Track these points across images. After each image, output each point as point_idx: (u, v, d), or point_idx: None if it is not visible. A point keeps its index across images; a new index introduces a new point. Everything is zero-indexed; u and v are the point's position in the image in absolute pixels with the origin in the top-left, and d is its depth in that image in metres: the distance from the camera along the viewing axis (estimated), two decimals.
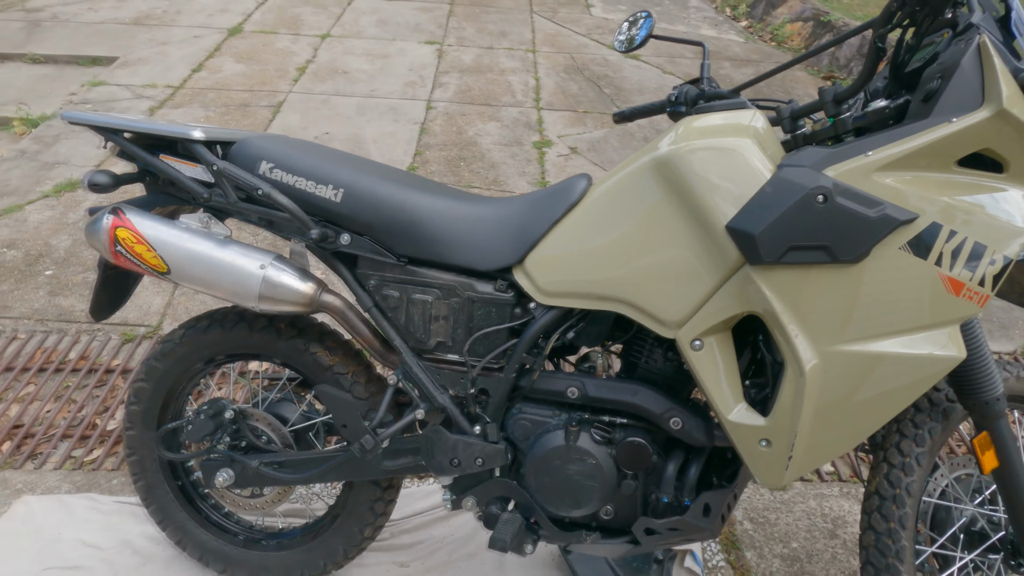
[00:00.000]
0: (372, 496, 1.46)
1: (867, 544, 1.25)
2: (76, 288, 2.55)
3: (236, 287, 1.25)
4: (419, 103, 3.98)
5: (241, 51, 4.48)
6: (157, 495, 1.55)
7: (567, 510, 1.29)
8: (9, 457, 1.96)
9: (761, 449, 1.11)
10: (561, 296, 1.21)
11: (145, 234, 1.26)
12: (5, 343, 2.33)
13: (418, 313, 1.27)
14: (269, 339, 1.41)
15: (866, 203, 0.99)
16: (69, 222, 2.85)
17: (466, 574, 1.64)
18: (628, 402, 1.24)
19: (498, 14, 5.57)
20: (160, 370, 1.47)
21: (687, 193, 1.10)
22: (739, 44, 5.27)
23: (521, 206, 1.28)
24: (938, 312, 1.02)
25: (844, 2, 5.55)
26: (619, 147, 3.64)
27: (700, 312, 1.11)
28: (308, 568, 1.53)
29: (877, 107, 1.12)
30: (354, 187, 1.25)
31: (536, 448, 1.27)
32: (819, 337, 1.04)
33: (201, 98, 3.85)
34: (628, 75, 4.55)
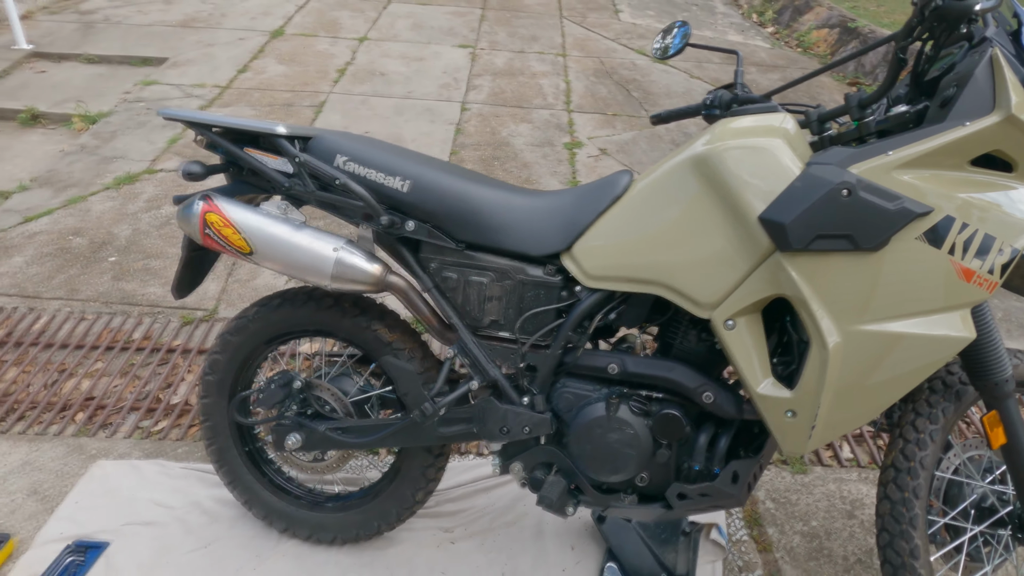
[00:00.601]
0: (424, 463, 1.60)
1: (883, 512, 1.36)
2: (137, 274, 2.72)
3: (311, 267, 1.39)
4: (454, 104, 4.12)
5: (283, 53, 4.67)
6: (227, 458, 1.70)
7: (606, 475, 1.41)
8: (83, 426, 2.13)
9: (787, 420, 1.23)
10: (605, 280, 1.34)
11: (232, 218, 1.41)
12: (75, 323, 2.51)
13: (474, 293, 1.41)
14: (334, 317, 1.55)
15: (886, 197, 1.10)
16: (129, 212, 3.04)
17: (506, 540, 1.77)
18: (664, 377, 1.36)
19: (529, 19, 5.71)
20: (234, 343, 1.61)
21: (723, 187, 1.22)
22: (765, 50, 5.35)
23: (569, 198, 1.41)
24: (950, 296, 1.13)
25: (871, 9, 5.61)
26: (647, 149, 3.76)
27: (733, 295, 1.23)
28: (363, 528, 1.67)
29: (898, 112, 1.23)
30: (420, 178, 1.39)
31: (579, 418, 1.40)
32: (841, 317, 1.16)
33: (247, 98, 4.03)
34: (656, 79, 4.67)
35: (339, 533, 1.68)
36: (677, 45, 1.60)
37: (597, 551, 1.74)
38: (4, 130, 3.70)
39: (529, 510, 1.86)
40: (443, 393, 1.44)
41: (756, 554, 1.77)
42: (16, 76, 4.19)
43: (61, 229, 2.94)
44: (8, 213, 3.02)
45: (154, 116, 3.81)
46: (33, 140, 3.64)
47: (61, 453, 2.03)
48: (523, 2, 6.14)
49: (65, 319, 2.52)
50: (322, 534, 1.69)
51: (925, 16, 1.10)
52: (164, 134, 3.63)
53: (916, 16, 1.12)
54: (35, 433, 2.10)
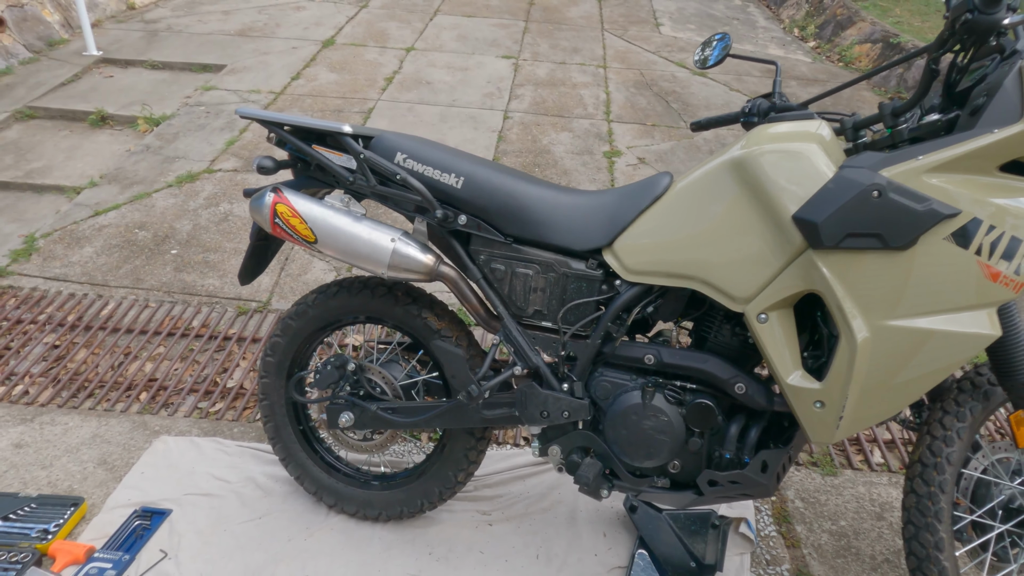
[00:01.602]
0: (467, 445, 1.69)
1: (909, 506, 1.40)
2: (197, 267, 2.89)
3: (370, 256, 1.51)
4: (496, 113, 4.25)
5: (334, 61, 4.86)
6: (282, 436, 1.82)
7: (640, 460, 1.49)
8: (147, 405, 2.28)
9: (815, 410, 1.29)
10: (644, 274, 1.42)
11: (299, 209, 1.53)
12: (139, 310, 2.68)
13: (520, 285, 1.50)
14: (387, 304, 1.66)
15: (915, 199, 1.16)
16: (190, 209, 3.22)
17: (541, 525, 1.85)
18: (698, 368, 1.44)
19: (571, 31, 5.83)
20: (294, 328, 1.74)
21: (759, 188, 1.30)
22: (806, 64, 5.37)
23: (612, 197, 1.49)
24: (977, 295, 1.19)
25: (915, 25, 5.58)
26: (685, 159, 3.82)
27: (767, 290, 1.30)
28: (407, 506, 1.77)
29: (930, 120, 1.29)
30: (473, 176, 1.49)
31: (616, 405, 1.48)
32: (870, 313, 1.22)
33: (300, 103, 4.21)
34: (696, 91, 4.72)
35: (384, 510, 1.79)
36: (717, 56, 1.68)
37: (628, 539, 1.81)
38: (75, 130, 3.94)
39: (563, 498, 1.94)
40: (488, 377, 1.54)
41: (784, 549, 1.82)
42: (86, 80, 4.45)
43: (127, 223, 3.13)
44: (79, 207, 3.23)
45: (213, 119, 4.01)
46: (101, 140, 3.87)
47: (127, 428, 2.18)
48: (566, 15, 6.26)
49: (130, 306, 2.69)
50: (369, 510, 1.80)
51: (956, 29, 1.16)
52: (222, 136, 3.83)
53: (948, 29, 1.19)
54: (103, 410, 2.26)
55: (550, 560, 1.75)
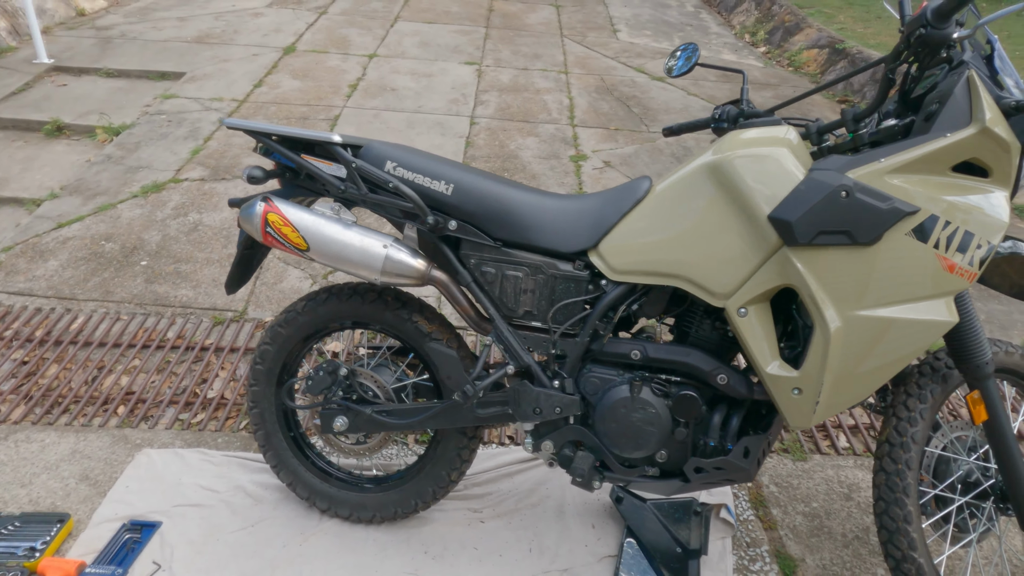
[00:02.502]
0: (459, 444, 1.74)
1: (879, 483, 1.51)
2: (168, 278, 2.86)
3: (363, 262, 1.54)
4: (463, 119, 4.30)
5: (296, 69, 4.84)
6: (273, 443, 1.84)
7: (629, 451, 1.56)
8: (125, 418, 2.26)
9: (793, 397, 1.39)
10: (629, 274, 1.49)
11: (291, 218, 1.56)
12: (111, 323, 2.64)
13: (510, 286, 1.56)
14: (378, 310, 1.69)
15: (879, 198, 1.27)
16: (157, 219, 3.18)
17: (531, 520, 1.90)
18: (682, 362, 1.52)
19: (531, 37, 5.92)
20: (283, 335, 1.75)
21: (735, 191, 1.39)
22: (759, 68, 5.57)
23: (595, 201, 1.56)
24: (936, 285, 1.29)
25: (857, 31, 5.85)
26: (649, 162, 3.94)
27: (745, 285, 1.39)
28: (401, 506, 1.80)
29: (888, 125, 1.40)
30: (462, 182, 1.54)
31: (605, 400, 1.55)
32: (841, 304, 1.31)
33: (264, 111, 4.18)
34: (655, 96, 4.86)
35: (378, 511, 1.82)
36: (687, 64, 1.77)
37: (616, 529, 1.88)
38: (30, 141, 3.84)
39: (551, 492, 2.00)
40: (481, 377, 1.59)
41: (762, 531, 1.92)
42: (39, 89, 4.33)
43: (93, 235, 3.07)
44: (41, 220, 3.15)
45: (176, 128, 3.95)
46: (58, 150, 3.77)
47: (107, 443, 2.15)
48: (525, 22, 6.36)
49: (101, 319, 2.65)
50: (362, 513, 1.82)
51: (911, 42, 1.27)
52: (186, 145, 3.78)
53: (903, 42, 1.30)
54: (80, 425, 2.22)
55: (543, 552, 1.80)
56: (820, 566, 1.82)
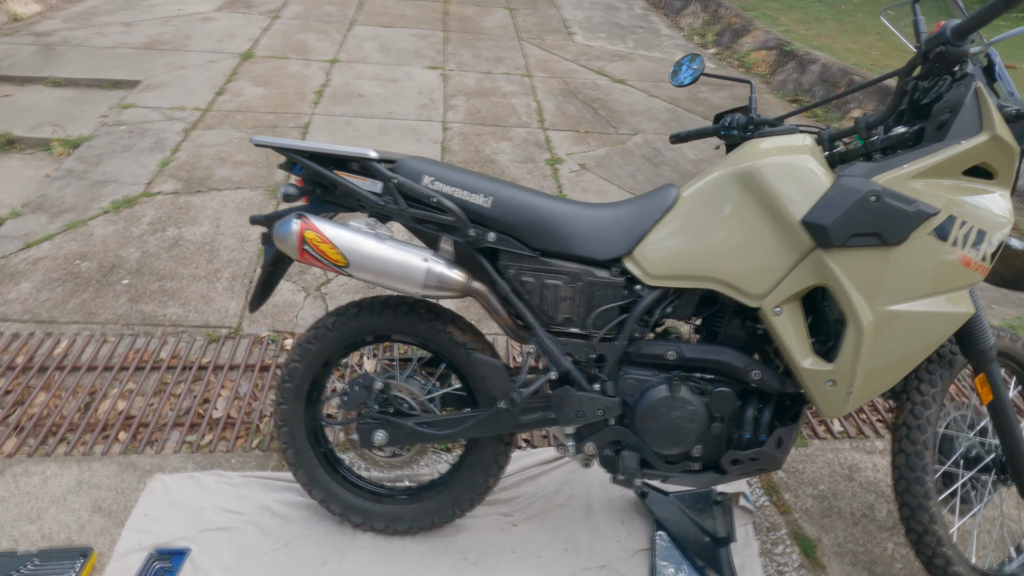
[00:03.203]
0: (496, 450, 1.77)
1: (899, 464, 1.63)
2: (154, 296, 2.76)
3: (405, 277, 1.55)
4: (435, 124, 4.30)
5: (257, 75, 4.72)
6: (304, 461, 1.82)
7: (669, 448, 1.63)
8: (129, 444, 2.18)
9: (828, 388, 1.48)
10: (665, 278, 1.56)
11: (329, 235, 1.55)
12: (97, 346, 2.53)
13: (550, 295, 1.60)
14: (411, 322, 1.70)
15: (905, 201, 1.37)
16: (134, 236, 3.06)
17: (561, 519, 1.95)
18: (717, 360, 1.59)
19: (490, 41, 5.95)
20: (313, 351, 1.74)
21: (766, 197, 1.47)
22: (712, 70, 5.77)
23: (627, 209, 1.62)
24: (955, 280, 1.41)
25: (800, 33, 6.14)
26: (622, 163, 4.04)
27: (780, 286, 1.47)
28: (439, 516, 1.82)
29: (899, 132, 1.51)
30: (500, 195, 1.57)
31: (645, 400, 1.61)
32: (872, 300, 1.41)
33: (230, 120, 4.08)
34: (618, 98, 4.98)
35: (415, 522, 1.83)
36: (691, 75, 1.86)
37: (643, 523, 1.95)
38: None
39: (576, 492, 2.05)
40: (526, 384, 1.63)
41: (778, 516, 2.02)
42: None
43: (66, 254, 2.93)
44: (6, 240, 2.99)
45: (139, 139, 3.81)
46: (12, 165, 3.58)
47: (114, 471, 2.07)
48: (482, 25, 6.38)
49: (86, 343, 2.54)
50: (399, 525, 1.83)
51: (930, 58, 1.38)
52: (153, 157, 3.65)
53: (920, 57, 1.41)
54: (81, 454, 2.13)
55: (578, 551, 1.85)
56: (836, 544, 1.93)
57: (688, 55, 1.89)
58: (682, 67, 1.89)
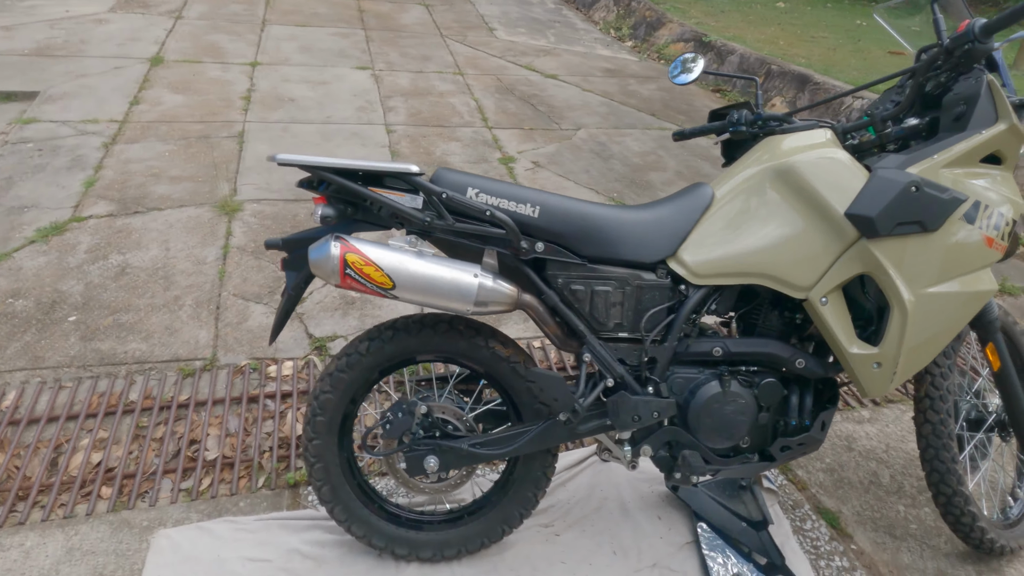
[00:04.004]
0: (544, 463, 1.73)
1: (926, 433, 1.74)
2: (109, 332, 2.50)
3: (456, 295, 1.48)
4: (378, 127, 4.15)
5: (173, 81, 4.37)
6: (341, 496, 1.71)
7: (722, 442, 1.66)
8: (117, 500, 1.97)
9: (874, 370, 1.56)
10: (712, 277, 1.58)
11: (372, 257, 1.46)
12: (52, 394, 2.26)
13: (600, 301, 1.58)
14: (451, 340, 1.64)
15: (940, 190, 1.46)
16: (71, 266, 2.75)
17: (601, 523, 1.95)
18: (763, 352, 1.63)
19: (413, 39, 5.81)
20: (346, 380, 1.64)
21: (806, 192, 1.52)
22: (635, 63, 5.94)
23: (665, 210, 1.63)
24: (982, 259, 1.52)
25: (711, 24, 6.43)
26: (572, 159, 4.07)
27: (825, 277, 1.53)
28: (488, 535, 1.76)
29: (912, 124, 1.61)
30: (547, 204, 1.54)
31: (697, 397, 1.63)
32: (913, 284, 1.50)
33: (154, 131, 3.75)
34: (554, 94, 5.01)
35: (464, 546, 1.76)
36: (694, 73, 1.89)
37: (680, 516, 1.98)
38: None
39: (607, 493, 2.05)
40: (584, 395, 1.60)
41: (798, 493, 2.11)
42: None
43: None
44: None
45: (51, 157, 3.42)
46: None
47: (106, 532, 1.87)
48: (401, 22, 6.22)
49: (38, 391, 2.27)
50: (447, 551, 1.76)
51: (957, 55, 1.47)
52: (74, 177, 3.29)
53: (944, 54, 1.50)
54: (62, 517, 1.90)
55: (626, 553, 1.86)
56: (855, 513, 2.05)
57: (687, 54, 1.92)
58: (682, 65, 1.92)
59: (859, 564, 1.88)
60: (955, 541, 1.95)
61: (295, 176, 3.49)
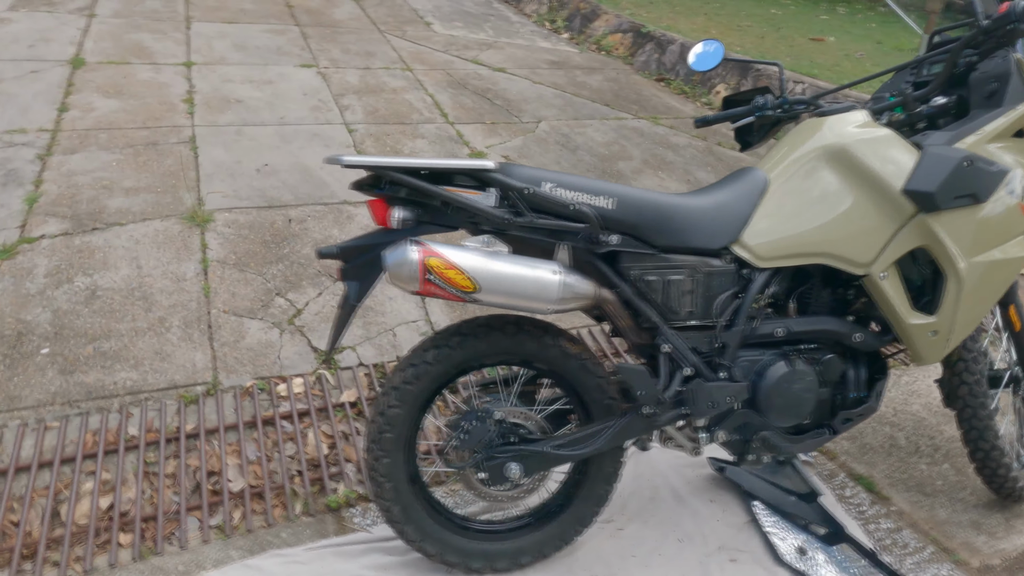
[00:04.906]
0: (616, 456, 1.71)
1: (963, 394, 1.84)
2: (92, 362, 2.26)
3: (539, 294, 1.43)
4: (337, 127, 3.97)
5: (103, 85, 4.00)
6: (412, 515, 1.62)
7: (790, 421, 1.69)
8: (141, 546, 1.79)
9: (930, 339, 1.63)
10: (776, 259, 1.60)
11: (453, 260, 1.38)
12: (38, 436, 2.03)
13: (675, 291, 1.57)
14: (520, 341, 1.58)
15: (988, 163, 1.54)
16: (32, 293, 2.47)
17: (659, 512, 1.95)
18: (823, 330, 1.68)
19: (351, 35, 5.60)
20: (414, 392, 1.55)
21: (863, 171, 1.56)
22: (578, 55, 5.98)
23: (724, 195, 1.63)
24: (1020, 227, 1.62)
25: (643, 15, 6.56)
26: (541, 152, 4.04)
27: (885, 252, 1.59)
28: (562, 538, 1.73)
29: (941, 102, 1.69)
30: (622, 195, 1.51)
31: (767, 378, 1.65)
32: (966, 253, 1.58)
33: (95, 140, 3.42)
34: (506, 87, 4.97)
35: (538, 552, 1.71)
36: (715, 60, 1.92)
37: (730, 497, 2.01)
38: None
39: (654, 482, 2.05)
40: (666, 386, 1.59)
41: (830, 462, 2.20)
42: None
43: None
44: None
45: None
46: None
47: None
48: (333, 17, 5.98)
49: (21, 435, 2.02)
50: (523, 558, 1.70)
51: (999, 34, 1.55)
52: (13, 194, 2.95)
53: (983, 33, 1.57)
54: (81, 572, 1.71)
55: (691, 539, 1.87)
56: (886, 476, 2.15)
57: (706, 40, 1.94)
58: (702, 53, 1.94)
59: (903, 524, 1.97)
60: (978, 493, 2.09)
61: (265, 183, 3.28)
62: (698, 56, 1.94)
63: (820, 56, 5.66)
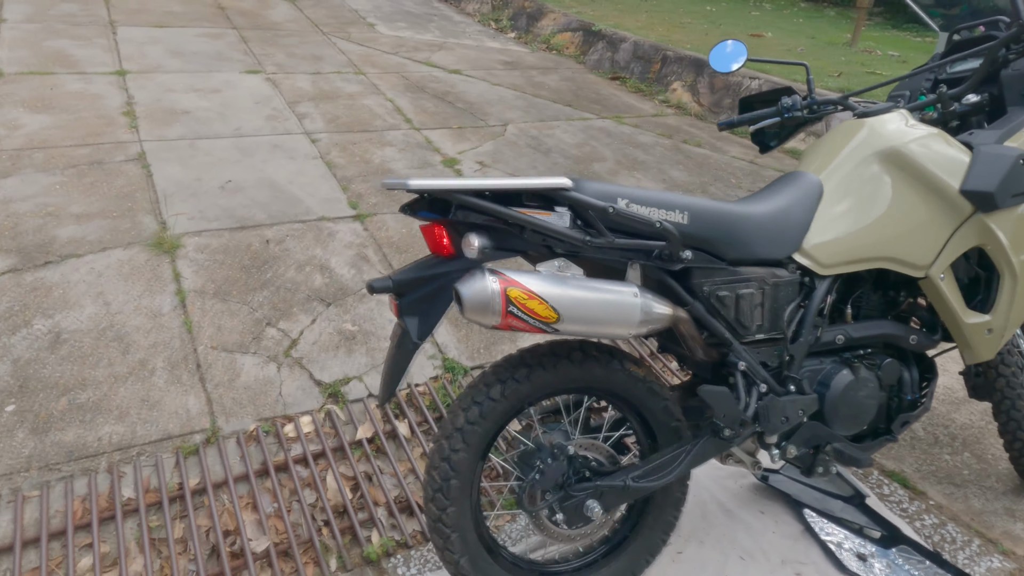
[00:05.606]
0: (682, 482, 1.63)
1: (1000, 387, 1.87)
2: (68, 416, 2.00)
3: (622, 319, 1.33)
4: (298, 136, 3.73)
5: (27, 98, 3.60)
6: (481, 566, 1.49)
7: (854, 428, 1.66)
8: None
9: (986, 336, 1.63)
10: (838, 266, 1.57)
11: (534, 289, 1.26)
12: (16, 509, 1.76)
13: (746, 305, 1.50)
14: (589, 368, 1.48)
15: None
16: None
17: (713, 530, 1.89)
18: (881, 334, 1.65)
19: (293, 37, 5.31)
20: (480, 432, 1.42)
21: (919, 172, 1.55)
22: (529, 54, 5.90)
23: (781, 202, 1.58)
24: None
25: (590, 14, 6.56)
26: (514, 156, 3.94)
27: (943, 253, 1.57)
28: (634, 569, 1.63)
29: (974, 101, 1.70)
30: (695, 208, 1.42)
31: (833, 388, 1.61)
32: (1019, 250, 1.59)
33: (29, 161, 3.06)
34: (465, 89, 4.83)
35: None
36: (738, 60, 1.88)
37: (779, 507, 1.98)
38: None
39: (699, 497, 2.00)
40: (745, 405, 1.52)
41: None
42: None
43: None
44: None
45: None
46: None
47: None
48: (271, 20, 5.66)
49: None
50: None
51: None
52: None
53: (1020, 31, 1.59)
54: None
55: (753, 556, 1.81)
56: (916, 470, 2.17)
57: (727, 40, 1.90)
58: (725, 54, 1.89)
59: (945, 518, 1.99)
60: (1004, 479, 2.14)
61: (232, 201, 3.02)
62: (720, 57, 1.89)
63: (763, 51, 5.80)
